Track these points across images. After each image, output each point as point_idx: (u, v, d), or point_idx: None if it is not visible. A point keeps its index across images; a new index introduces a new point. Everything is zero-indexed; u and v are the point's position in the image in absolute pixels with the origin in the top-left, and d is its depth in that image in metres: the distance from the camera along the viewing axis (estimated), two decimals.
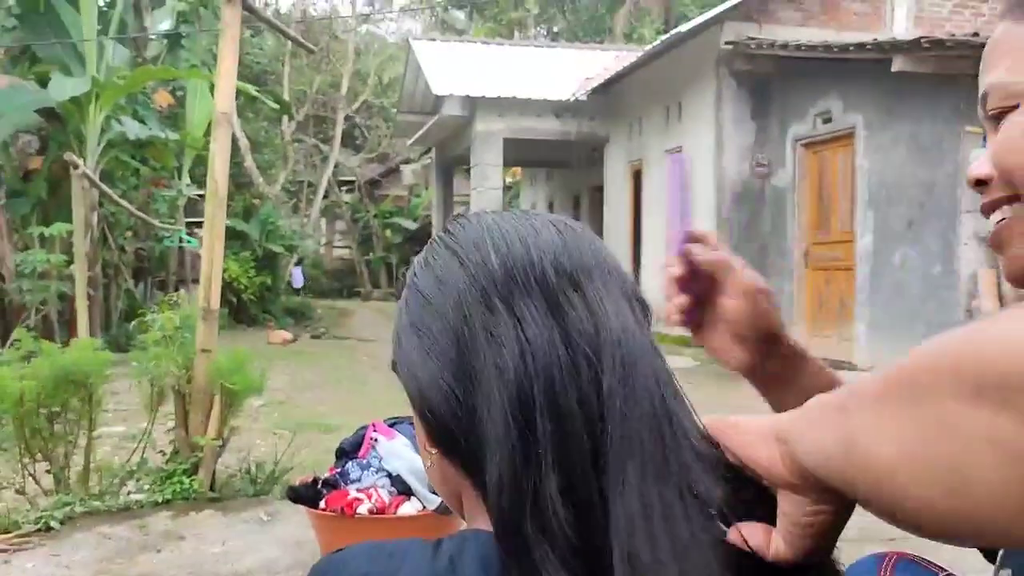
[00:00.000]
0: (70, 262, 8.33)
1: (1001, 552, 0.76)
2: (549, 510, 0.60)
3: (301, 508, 3.10)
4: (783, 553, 0.59)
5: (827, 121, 9.24)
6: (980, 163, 0.79)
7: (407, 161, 24.41)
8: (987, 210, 0.79)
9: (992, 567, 0.83)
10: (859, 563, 1.00)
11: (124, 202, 8.13)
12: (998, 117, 0.76)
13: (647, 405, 0.64)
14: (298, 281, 18.22)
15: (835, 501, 0.56)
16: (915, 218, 8.04)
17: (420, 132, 15.78)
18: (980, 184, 0.79)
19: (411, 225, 22.80)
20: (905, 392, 0.45)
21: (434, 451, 0.71)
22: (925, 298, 7.88)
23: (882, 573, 0.96)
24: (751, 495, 0.63)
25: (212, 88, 4.64)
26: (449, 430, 0.68)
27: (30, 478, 3.85)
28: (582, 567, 0.60)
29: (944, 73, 7.38)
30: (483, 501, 0.65)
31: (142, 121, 10.60)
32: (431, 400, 0.69)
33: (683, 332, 0.93)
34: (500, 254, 0.69)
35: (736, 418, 0.64)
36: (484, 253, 0.69)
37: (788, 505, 0.58)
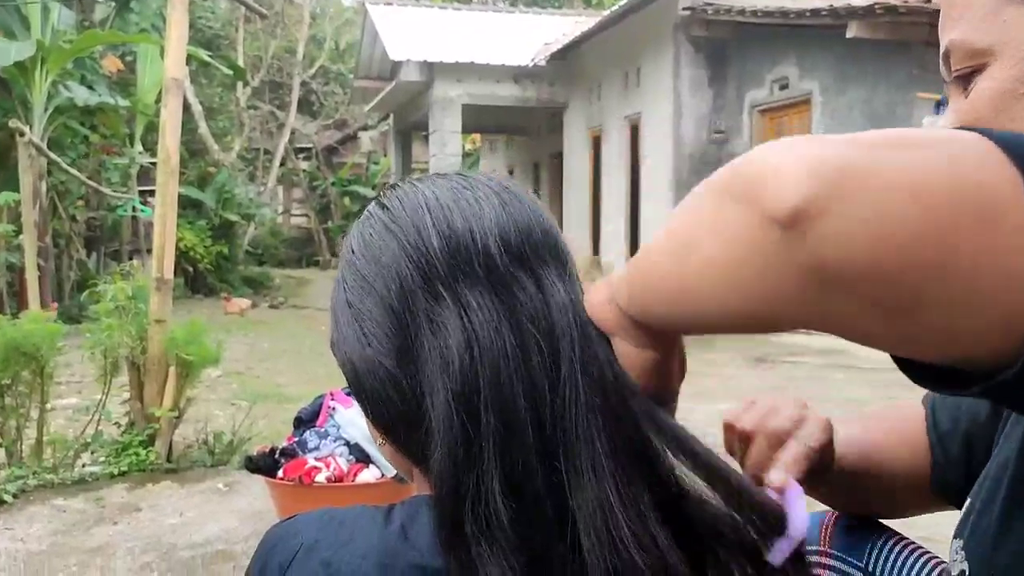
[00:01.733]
0: (19, 232, 8.14)
1: (958, 523, 0.77)
2: (490, 508, 0.58)
3: (260, 478, 3.09)
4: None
5: (784, 87, 9.30)
6: (948, 128, 0.76)
7: (365, 128, 24.12)
8: None
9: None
10: None
11: (73, 170, 7.96)
12: (965, 77, 0.72)
13: (609, 392, 0.61)
14: None
15: (654, 343, 0.63)
16: None
17: (377, 98, 15.60)
18: None
19: (370, 193, 22.54)
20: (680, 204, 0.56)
21: (379, 431, 0.70)
22: None
23: (824, 530, 0.98)
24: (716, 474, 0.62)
25: (163, 53, 4.53)
26: (387, 417, 0.67)
27: None
28: (525, 563, 0.58)
29: (897, 40, 7.46)
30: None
31: (90, 87, 10.33)
32: (369, 387, 0.67)
33: None
34: (442, 236, 0.65)
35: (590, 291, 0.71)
36: (425, 235, 0.65)
37: (623, 356, 0.64)
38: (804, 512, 0.67)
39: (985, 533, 0.70)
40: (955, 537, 0.76)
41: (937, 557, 0.93)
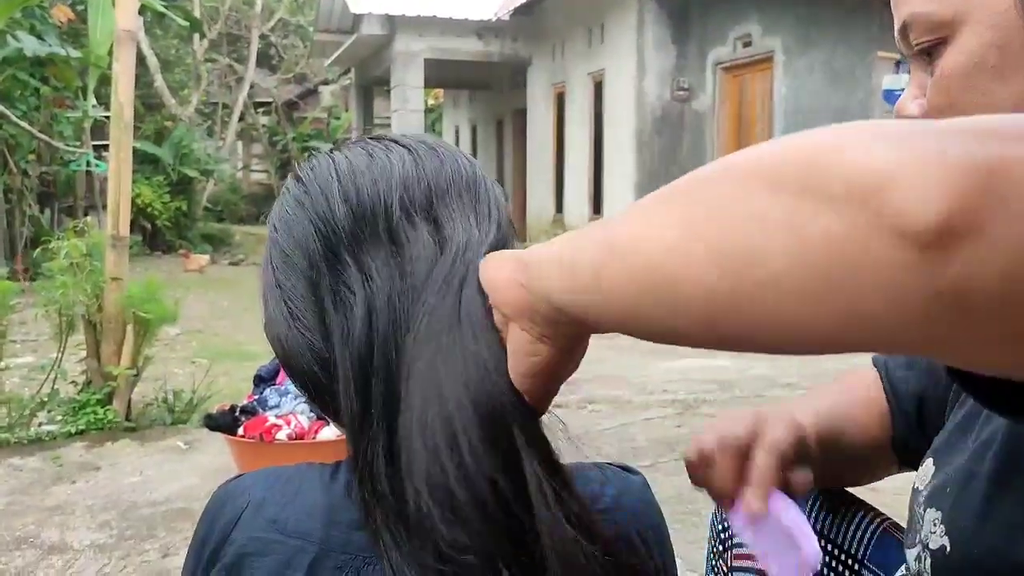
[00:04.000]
0: None
1: (927, 492, 0.76)
2: (376, 477, 0.58)
3: (220, 436, 3.08)
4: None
5: (747, 45, 9.30)
6: (912, 102, 0.71)
7: (326, 82, 23.73)
8: None
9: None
10: None
11: (24, 124, 7.74)
12: (928, 51, 0.68)
13: (466, 318, 0.57)
14: None
15: (564, 341, 0.54)
16: None
17: (338, 52, 15.33)
18: None
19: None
20: (688, 190, 0.44)
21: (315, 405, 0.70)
22: None
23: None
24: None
25: (115, 2, 4.38)
26: (316, 392, 0.67)
27: None
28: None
29: None
30: None
31: (40, 37, 10.02)
32: (296, 364, 0.66)
33: None
34: (349, 202, 0.64)
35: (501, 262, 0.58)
36: (332, 203, 0.64)
37: (516, 345, 0.55)
38: (806, 527, 0.67)
39: (969, 511, 0.68)
40: (930, 507, 0.74)
41: (883, 515, 0.94)
